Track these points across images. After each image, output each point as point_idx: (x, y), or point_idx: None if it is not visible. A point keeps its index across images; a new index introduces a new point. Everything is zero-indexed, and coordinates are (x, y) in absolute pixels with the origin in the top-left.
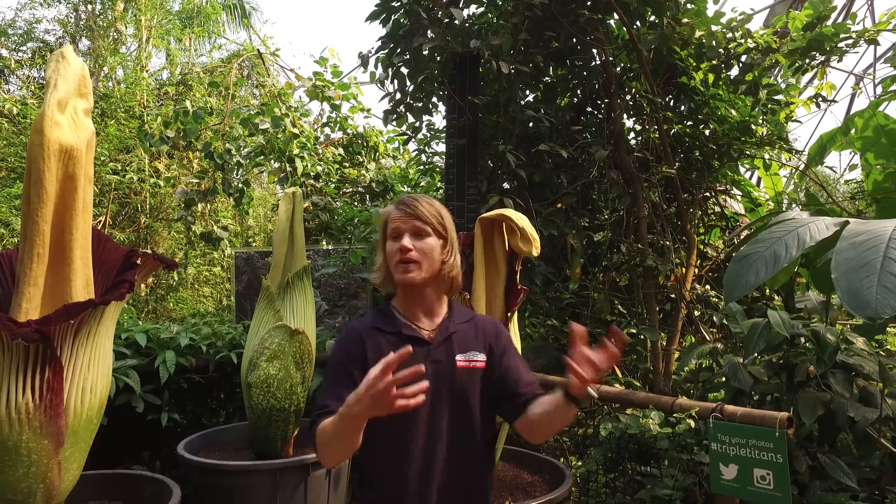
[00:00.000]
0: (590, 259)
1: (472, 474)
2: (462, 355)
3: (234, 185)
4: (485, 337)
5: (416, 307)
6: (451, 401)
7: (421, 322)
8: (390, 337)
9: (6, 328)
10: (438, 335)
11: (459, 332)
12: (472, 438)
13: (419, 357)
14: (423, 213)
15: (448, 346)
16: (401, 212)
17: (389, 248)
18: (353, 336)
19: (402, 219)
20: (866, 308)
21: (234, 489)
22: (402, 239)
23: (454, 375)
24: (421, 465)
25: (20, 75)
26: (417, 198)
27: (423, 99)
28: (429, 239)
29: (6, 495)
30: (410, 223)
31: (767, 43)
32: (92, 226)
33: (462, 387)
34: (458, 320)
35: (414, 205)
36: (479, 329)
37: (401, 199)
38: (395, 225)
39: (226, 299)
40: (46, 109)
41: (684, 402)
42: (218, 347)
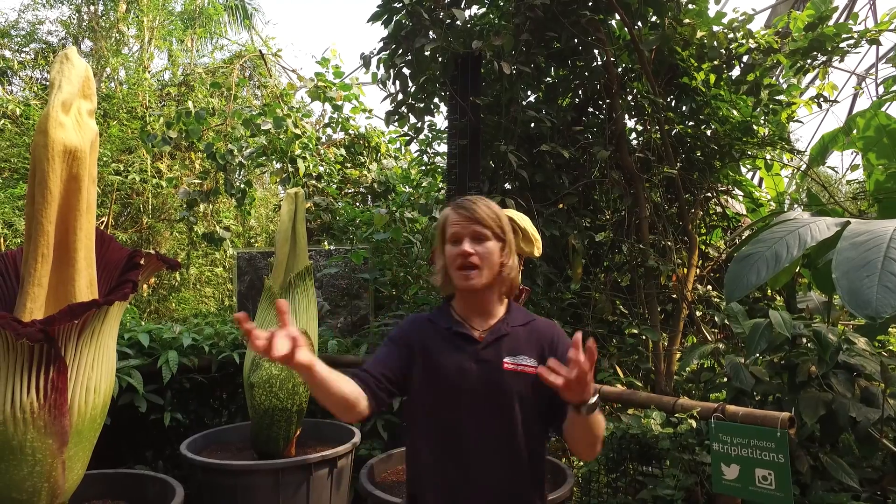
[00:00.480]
0: (591, 259)
1: (513, 478)
2: (510, 358)
3: (236, 186)
4: (539, 342)
5: (472, 309)
6: (494, 401)
7: (474, 322)
8: (442, 331)
9: (11, 328)
10: (489, 336)
11: (512, 334)
12: (515, 441)
13: (466, 355)
14: (483, 216)
15: (497, 347)
16: (459, 216)
17: (449, 252)
18: (410, 322)
19: (462, 223)
20: (867, 307)
21: (237, 488)
22: (462, 244)
23: (500, 377)
24: (460, 461)
25: (23, 76)
26: (475, 200)
27: (424, 100)
28: (488, 243)
29: (11, 494)
30: (470, 228)
31: (769, 43)
32: (95, 226)
33: (507, 389)
34: (514, 323)
35: (473, 208)
36: (534, 334)
37: (459, 201)
38: (455, 230)
39: (228, 299)
40: (51, 110)
41: (686, 402)
42: (220, 347)
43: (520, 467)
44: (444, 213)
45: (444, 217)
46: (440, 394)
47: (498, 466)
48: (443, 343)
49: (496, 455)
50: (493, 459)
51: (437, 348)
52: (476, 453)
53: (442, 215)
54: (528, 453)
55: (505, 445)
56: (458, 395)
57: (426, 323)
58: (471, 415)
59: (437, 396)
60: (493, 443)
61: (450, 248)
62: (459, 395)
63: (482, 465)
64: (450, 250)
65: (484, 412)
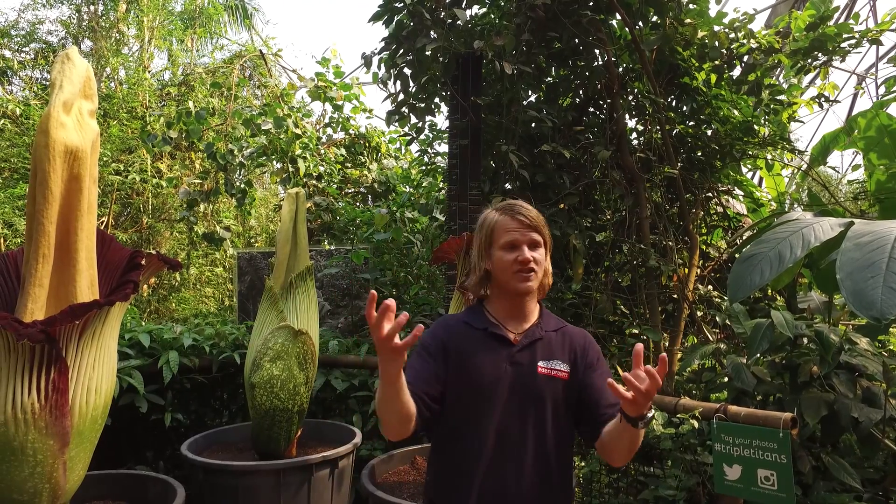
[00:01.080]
0: (592, 259)
1: (543, 482)
2: (544, 362)
3: (236, 186)
4: (572, 348)
5: (510, 312)
6: (527, 405)
7: (509, 325)
8: (477, 332)
9: (12, 328)
10: (524, 339)
11: (546, 339)
12: (544, 446)
13: (501, 356)
14: (539, 224)
15: (531, 350)
16: (518, 223)
17: (503, 257)
18: (443, 325)
19: (521, 230)
20: (871, 308)
21: (238, 489)
22: (520, 250)
23: (534, 380)
24: (489, 463)
25: (23, 76)
26: (526, 206)
27: (425, 99)
28: (541, 250)
29: (12, 495)
30: (528, 236)
31: (770, 43)
32: (96, 226)
33: (540, 393)
34: (548, 328)
35: (529, 215)
36: (566, 339)
37: (510, 206)
38: (514, 237)
39: (228, 300)
40: (52, 110)
41: (688, 402)
42: (221, 348)
43: (549, 471)
44: (494, 218)
45: (493, 221)
46: (474, 394)
47: (528, 469)
48: (478, 344)
49: (527, 458)
50: (523, 464)
51: (472, 349)
52: (506, 455)
53: (489, 219)
54: (558, 457)
55: (536, 448)
56: (492, 395)
57: (461, 325)
58: (503, 416)
59: (472, 397)
60: (524, 445)
61: (504, 254)
62: (493, 395)
63: (512, 468)
64: (504, 256)
65: (516, 414)
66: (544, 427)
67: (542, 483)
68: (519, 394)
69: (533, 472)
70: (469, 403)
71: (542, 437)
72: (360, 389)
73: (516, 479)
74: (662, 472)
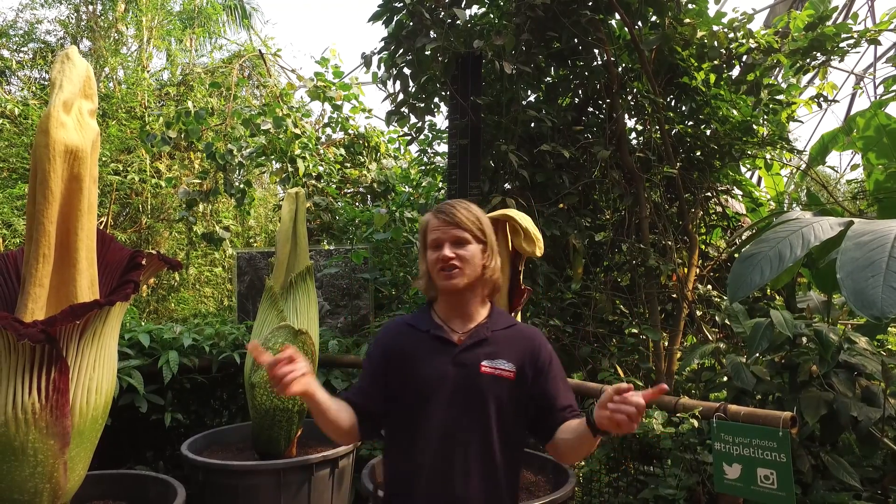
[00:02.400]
0: (592, 259)
1: (489, 482)
2: (488, 362)
3: (235, 186)
4: (522, 349)
5: (453, 311)
6: (471, 405)
7: (455, 325)
8: (421, 334)
9: (12, 328)
10: (468, 339)
11: (492, 338)
12: (490, 446)
13: (446, 359)
14: (462, 219)
15: (475, 351)
16: (439, 220)
17: (430, 257)
18: (386, 329)
19: (442, 228)
20: (872, 307)
21: (239, 489)
22: (442, 249)
23: (477, 381)
24: (435, 464)
25: (21, 76)
26: (455, 204)
27: (425, 99)
28: (469, 246)
29: (13, 495)
30: (450, 232)
31: (769, 43)
32: (96, 226)
33: (484, 393)
34: (495, 327)
35: (452, 212)
36: (515, 339)
37: (439, 206)
38: (436, 235)
39: (227, 300)
40: (52, 110)
41: (687, 401)
42: (221, 348)
43: (495, 472)
44: (425, 219)
45: (424, 223)
46: (418, 396)
47: (473, 470)
48: (422, 347)
49: (471, 459)
50: (469, 463)
51: (415, 353)
52: (452, 457)
53: (422, 221)
54: (504, 458)
55: (481, 450)
56: (435, 398)
57: (405, 327)
58: (447, 417)
59: (416, 400)
60: (468, 446)
61: (431, 254)
62: (437, 398)
63: (458, 469)
64: (431, 255)
65: (460, 415)
66: (489, 427)
67: (488, 483)
68: (462, 394)
69: (478, 473)
70: (413, 405)
71: (487, 438)
72: None
73: (462, 479)
74: (662, 471)
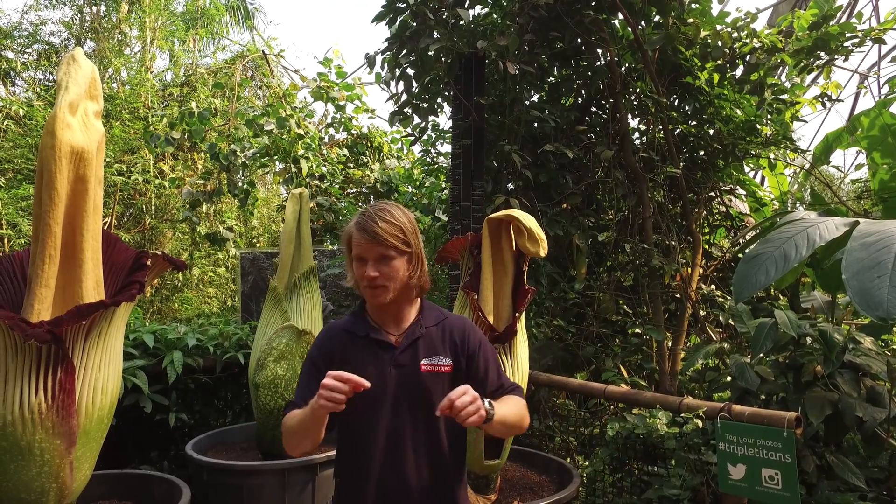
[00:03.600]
0: (595, 259)
1: (438, 477)
2: (427, 360)
3: (239, 186)
4: (451, 340)
5: (386, 316)
6: (414, 404)
7: (390, 327)
8: (359, 340)
9: (19, 329)
10: (404, 340)
11: (426, 336)
12: (436, 442)
13: (385, 361)
14: (384, 237)
15: (413, 350)
16: (361, 236)
17: (356, 270)
18: (327, 337)
19: (365, 246)
20: (878, 308)
21: (243, 489)
22: (366, 266)
23: (418, 379)
24: (382, 464)
25: (26, 77)
26: (377, 216)
27: (428, 100)
28: (393, 262)
29: (20, 494)
30: (374, 250)
31: (773, 42)
32: (101, 227)
33: (426, 391)
34: (428, 323)
35: (374, 230)
36: (446, 332)
37: (361, 221)
38: (358, 251)
39: (230, 300)
40: (58, 112)
41: (691, 401)
42: (225, 348)
43: (444, 467)
44: (349, 230)
45: (348, 233)
46: (362, 401)
47: (423, 467)
48: (362, 351)
49: (420, 457)
50: (418, 461)
51: (356, 357)
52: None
53: (347, 231)
54: (452, 452)
55: (428, 446)
56: (380, 401)
57: (343, 333)
58: (393, 419)
59: (360, 404)
60: (417, 445)
61: (357, 266)
62: (381, 400)
63: (408, 468)
64: (357, 268)
65: (405, 416)
66: (435, 424)
67: (438, 479)
68: (406, 395)
69: (428, 470)
70: (359, 410)
71: (434, 435)
72: None
73: (413, 478)
74: (666, 471)
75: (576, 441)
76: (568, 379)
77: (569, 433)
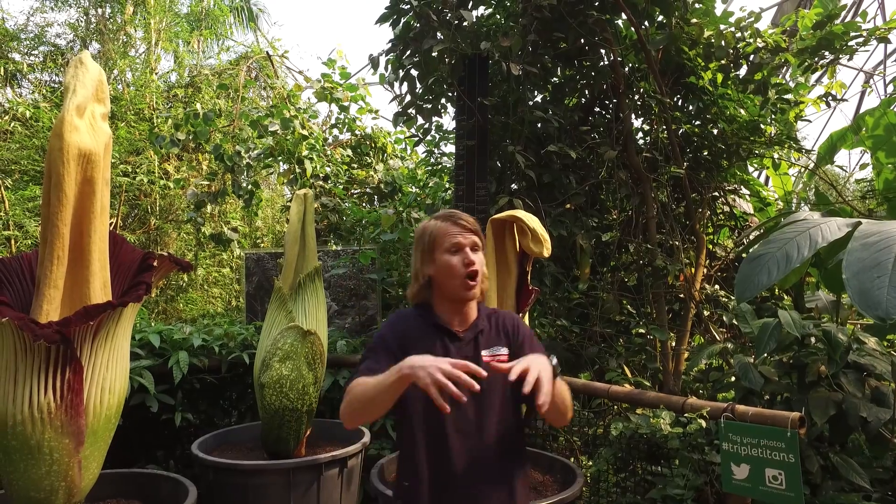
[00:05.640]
0: (599, 259)
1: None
2: (487, 351)
3: (243, 187)
4: (505, 330)
5: (452, 315)
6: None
7: (454, 325)
8: (430, 327)
9: (28, 329)
10: (468, 333)
11: (484, 330)
12: (498, 430)
13: (451, 352)
14: (477, 228)
15: (475, 342)
16: (459, 227)
17: (448, 261)
18: (400, 318)
19: (462, 234)
20: (877, 308)
21: (249, 488)
22: (464, 252)
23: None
24: (449, 455)
25: (32, 79)
26: (456, 213)
27: (432, 101)
28: (480, 253)
29: (30, 493)
30: (470, 238)
31: (776, 42)
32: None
33: (488, 381)
34: (484, 320)
35: (468, 220)
36: (500, 325)
37: (448, 214)
38: (457, 240)
39: (235, 300)
40: (66, 114)
41: (695, 401)
42: (230, 348)
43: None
44: (435, 225)
45: (434, 228)
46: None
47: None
48: (431, 338)
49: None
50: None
51: (426, 343)
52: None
53: (430, 227)
54: (512, 437)
55: (492, 433)
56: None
57: (416, 318)
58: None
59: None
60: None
61: (449, 258)
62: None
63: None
64: (449, 259)
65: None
66: (496, 411)
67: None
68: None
69: (491, 456)
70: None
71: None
72: None
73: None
74: (670, 471)
75: (579, 441)
76: (572, 379)
77: (572, 433)
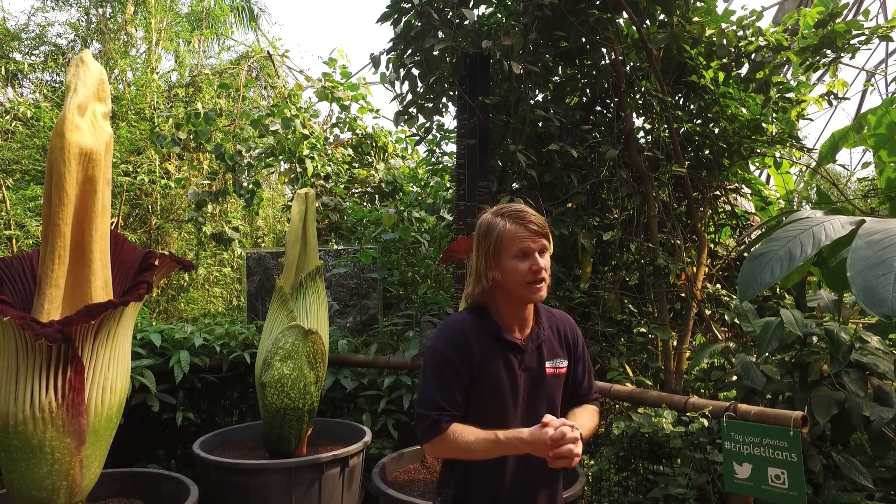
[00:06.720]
0: (600, 258)
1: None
2: (550, 362)
3: (244, 187)
4: (566, 340)
5: (516, 318)
6: (539, 406)
7: (516, 330)
8: (491, 341)
9: (30, 328)
10: (531, 344)
11: (547, 339)
12: None
13: (515, 365)
14: (547, 230)
15: (539, 354)
16: (529, 231)
17: (516, 266)
18: (460, 336)
19: (532, 238)
20: (882, 306)
21: (250, 487)
22: (533, 258)
23: (544, 382)
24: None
25: (33, 79)
26: (531, 212)
27: (433, 99)
28: (547, 255)
29: (31, 492)
30: (540, 242)
31: (778, 41)
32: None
33: (551, 392)
34: (545, 326)
35: (538, 222)
36: (561, 333)
37: (518, 214)
38: (526, 244)
39: (236, 299)
40: (67, 113)
41: (697, 400)
42: (231, 347)
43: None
44: (503, 227)
45: (502, 230)
46: (495, 404)
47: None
48: (494, 353)
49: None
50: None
51: (490, 359)
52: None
53: (498, 227)
54: None
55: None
56: (512, 404)
57: (475, 333)
58: (520, 420)
59: (493, 406)
60: None
61: (517, 263)
62: (513, 403)
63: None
64: (517, 265)
65: (531, 416)
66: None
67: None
68: (533, 397)
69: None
70: (490, 411)
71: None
72: (369, 388)
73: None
74: (672, 470)
75: None
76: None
77: None
